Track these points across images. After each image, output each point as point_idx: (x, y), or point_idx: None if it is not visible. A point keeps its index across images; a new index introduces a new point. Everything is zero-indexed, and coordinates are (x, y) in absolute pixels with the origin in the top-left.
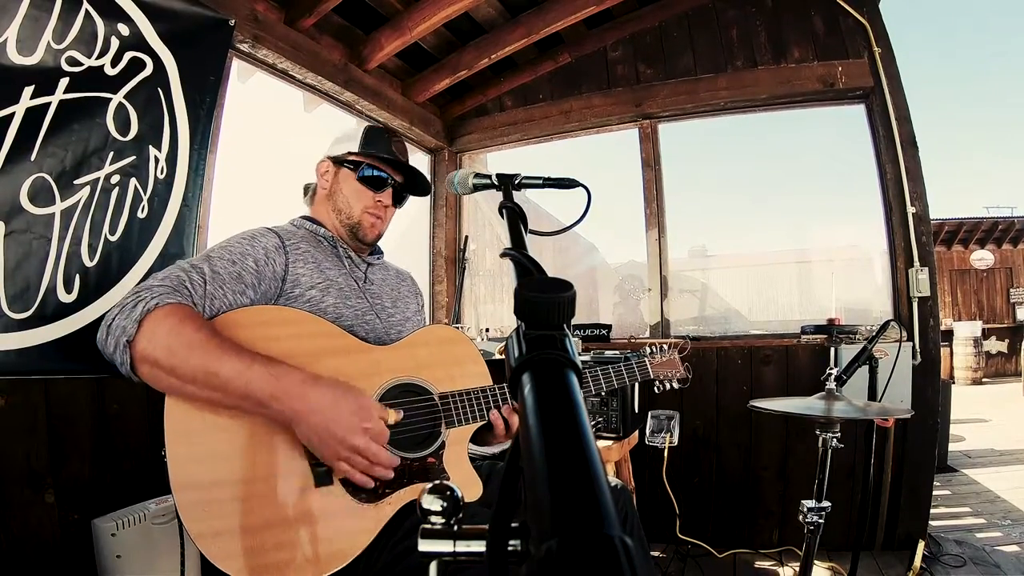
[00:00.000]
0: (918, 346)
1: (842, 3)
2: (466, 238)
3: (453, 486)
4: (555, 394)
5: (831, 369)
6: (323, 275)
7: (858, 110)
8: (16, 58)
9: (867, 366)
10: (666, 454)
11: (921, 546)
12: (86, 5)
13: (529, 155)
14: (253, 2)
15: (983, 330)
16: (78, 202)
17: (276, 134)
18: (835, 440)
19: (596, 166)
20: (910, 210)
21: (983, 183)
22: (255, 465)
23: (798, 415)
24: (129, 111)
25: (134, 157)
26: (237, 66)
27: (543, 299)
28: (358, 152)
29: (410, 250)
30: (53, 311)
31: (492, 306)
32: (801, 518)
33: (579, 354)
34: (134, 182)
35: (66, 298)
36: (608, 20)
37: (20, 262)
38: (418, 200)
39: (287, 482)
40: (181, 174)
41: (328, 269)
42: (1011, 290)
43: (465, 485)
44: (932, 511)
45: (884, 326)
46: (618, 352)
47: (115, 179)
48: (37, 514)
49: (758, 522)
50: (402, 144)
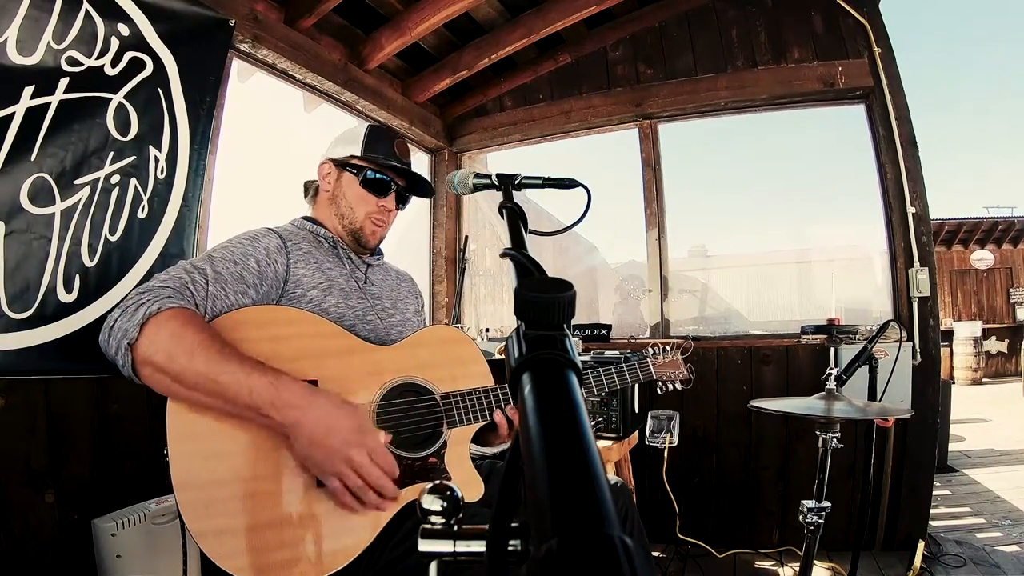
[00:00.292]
0: (918, 346)
1: (842, 3)
2: (466, 238)
3: (453, 486)
4: (555, 394)
5: (831, 369)
6: (324, 276)
7: (858, 110)
8: (16, 58)
9: (867, 366)
10: (666, 454)
11: (921, 546)
12: (86, 5)
13: (529, 155)
14: (253, 2)
15: (983, 330)
16: (78, 202)
17: (276, 134)
18: (835, 440)
19: (596, 166)
20: (910, 210)
21: (983, 183)
22: (257, 464)
23: (798, 415)
24: (129, 111)
25: (134, 157)
26: (237, 66)
27: (543, 299)
28: (361, 156)
29: (410, 250)
30: (53, 311)
31: (492, 306)
32: (801, 518)
33: (579, 354)
34: (134, 182)
35: (66, 298)
36: (608, 20)
37: (20, 262)
38: (418, 200)
39: (289, 481)
40: (181, 174)
41: (329, 269)
42: (1011, 290)
43: (467, 485)
44: (932, 511)
45: (884, 326)
46: (618, 352)
47: (115, 179)
48: (37, 514)
49: (758, 522)
50: (404, 144)
